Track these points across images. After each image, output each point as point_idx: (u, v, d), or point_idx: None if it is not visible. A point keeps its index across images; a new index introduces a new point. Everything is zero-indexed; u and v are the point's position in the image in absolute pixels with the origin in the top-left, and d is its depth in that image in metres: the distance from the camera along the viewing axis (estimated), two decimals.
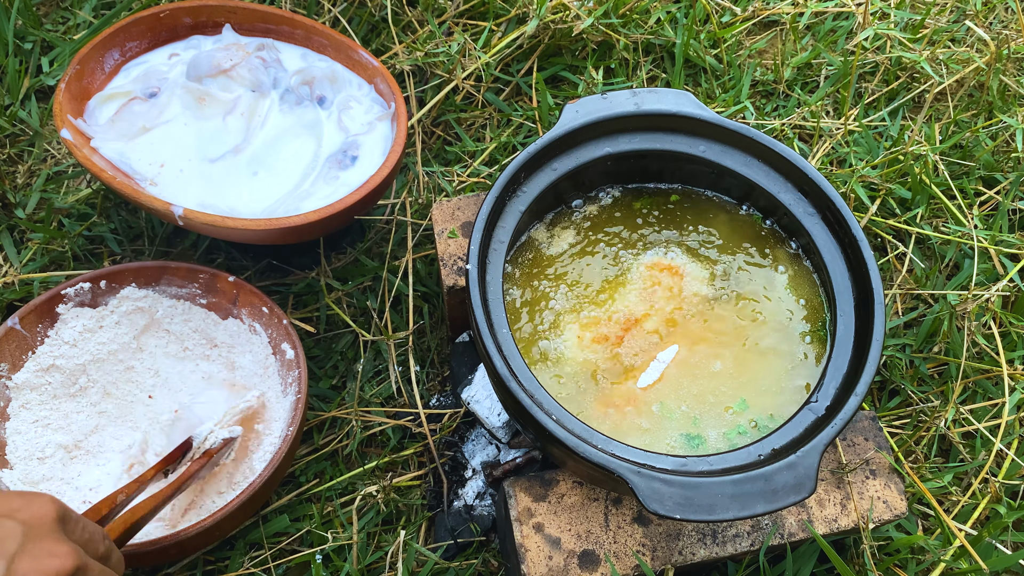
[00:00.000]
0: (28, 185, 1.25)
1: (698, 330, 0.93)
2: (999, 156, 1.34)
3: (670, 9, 1.47)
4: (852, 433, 0.97)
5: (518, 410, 0.81)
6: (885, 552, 0.98)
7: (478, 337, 0.83)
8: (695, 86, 1.42)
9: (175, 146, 1.10)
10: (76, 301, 1.04)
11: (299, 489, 1.04)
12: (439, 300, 1.18)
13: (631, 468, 0.76)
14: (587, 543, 0.88)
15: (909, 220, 1.25)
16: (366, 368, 1.13)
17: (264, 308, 1.06)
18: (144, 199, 1.01)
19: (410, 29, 1.40)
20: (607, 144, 0.98)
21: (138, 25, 1.16)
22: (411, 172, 1.28)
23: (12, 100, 1.31)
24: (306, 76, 1.16)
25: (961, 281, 1.19)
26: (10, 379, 1.00)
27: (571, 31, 1.36)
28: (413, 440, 1.09)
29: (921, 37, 1.45)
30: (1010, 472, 1.04)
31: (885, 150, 1.31)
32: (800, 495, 0.77)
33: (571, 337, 0.91)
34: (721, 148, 0.99)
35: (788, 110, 1.40)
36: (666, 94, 0.99)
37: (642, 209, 1.01)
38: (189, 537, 0.89)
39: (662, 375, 0.89)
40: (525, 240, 0.98)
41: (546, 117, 1.32)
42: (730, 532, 0.90)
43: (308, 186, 1.08)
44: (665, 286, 0.95)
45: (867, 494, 0.93)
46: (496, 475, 1.01)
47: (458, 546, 1.01)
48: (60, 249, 1.18)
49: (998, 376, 1.10)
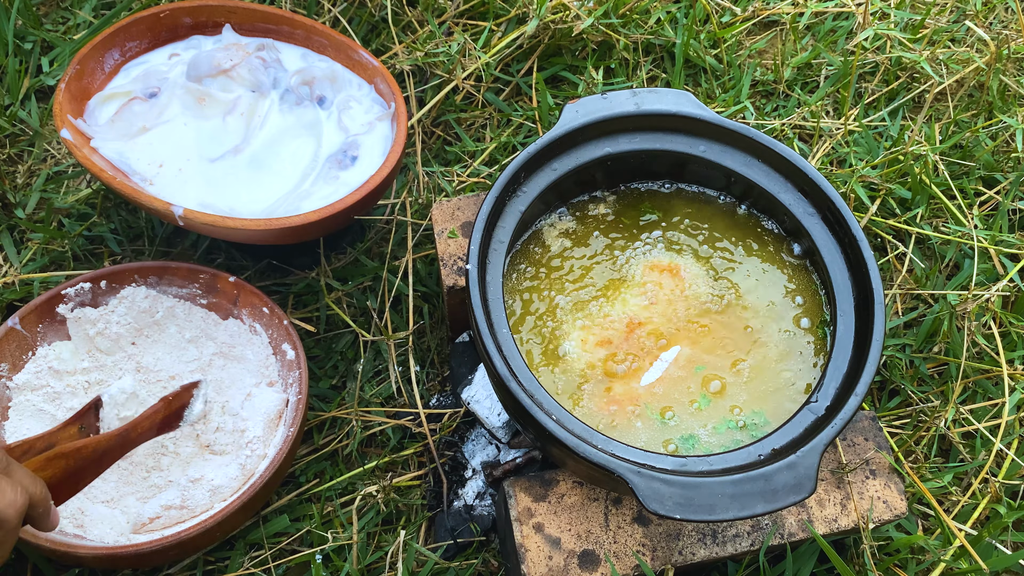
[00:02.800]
0: (28, 185, 1.25)
1: (699, 330, 0.93)
2: (999, 156, 1.34)
3: (670, 9, 1.47)
4: (852, 433, 0.97)
5: (518, 410, 0.81)
6: (885, 552, 0.98)
7: (478, 337, 0.83)
8: (695, 86, 1.42)
9: (175, 146, 1.10)
10: (76, 301, 1.04)
11: (299, 489, 1.04)
12: (439, 300, 1.18)
13: (631, 468, 0.76)
14: (587, 543, 0.88)
15: (909, 220, 1.25)
16: (366, 368, 1.13)
17: (264, 308, 1.06)
18: (144, 199, 1.01)
19: (410, 29, 1.40)
20: (607, 144, 0.98)
21: (138, 25, 1.16)
22: (411, 172, 1.28)
23: (12, 100, 1.31)
24: (306, 76, 1.16)
25: (961, 281, 1.19)
26: (10, 379, 1.00)
27: (571, 31, 1.36)
28: (413, 440, 1.09)
29: (921, 37, 1.45)
30: (1010, 472, 1.04)
31: (885, 150, 1.31)
32: (800, 495, 0.77)
33: (574, 339, 0.91)
34: (721, 148, 0.99)
35: (788, 110, 1.40)
36: (666, 94, 0.99)
37: (642, 209, 1.01)
38: (189, 537, 0.89)
39: (664, 375, 0.89)
40: (525, 240, 0.98)
41: (546, 117, 1.32)
42: (730, 532, 0.90)
43: (308, 186, 1.08)
44: (666, 287, 0.95)
45: (867, 494, 0.93)
46: (496, 475, 1.01)
47: (458, 546, 1.01)
48: (60, 249, 1.18)
49: (998, 376, 1.10)
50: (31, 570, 0.97)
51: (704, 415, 0.87)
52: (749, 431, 0.86)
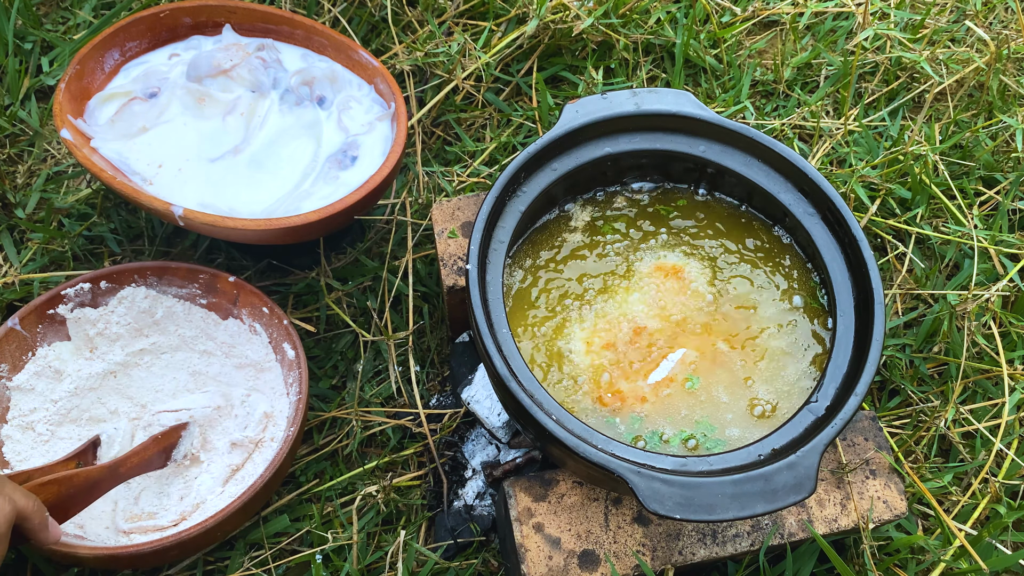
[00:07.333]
0: (28, 185, 1.25)
1: (700, 331, 0.93)
2: (999, 156, 1.34)
3: (670, 9, 1.47)
4: (852, 433, 0.97)
5: (518, 410, 0.81)
6: (885, 552, 0.98)
7: (478, 337, 0.83)
8: (695, 86, 1.42)
9: (175, 146, 1.10)
10: (76, 301, 1.04)
11: (299, 489, 1.04)
12: (439, 300, 1.18)
13: (631, 468, 0.76)
14: (587, 543, 0.88)
15: (909, 220, 1.25)
16: (366, 368, 1.13)
17: (264, 308, 1.06)
18: (144, 199, 1.01)
19: (410, 29, 1.40)
20: (607, 144, 0.98)
21: (138, 25, 1.16)
22: (411, 172, 1.28)
23: (12, 100, 1.31)
24: (306, 76, 1.16)
25: (961, 281, 1.19)
26: (10, 380, 1.00)
27: (571, 31, 1.36)
28: (413, 440, 1.09)
29: (921, 37, 1.45)
30: (1010, 472, 1.04)
31: (885, 150, 1.31)
32: (800, 495, 0.77)
33: (577, 339, 0.91)
34: (721, 148, 0.99)
35: (788, 110, 1.40)
36: (666, 94, 0.99)
37: (642, 210, 1.01)
38: (190, 537, 0.89)
39: (669, 374, 0.89)
40: (526, 240, 0.98)
41: (546, 117, 1.32)
42: (730, 532, 0.90)
43: (308, 186, 1.08)
44: (668, 288, 0.95)
45: (867, 494, 0.93)
46: (496, 475, 1.01)
47: (458, 546, 1.01)
48: (60, 249, 1.18)
49: (998, 376, 1.10)
50: (31, 570, 0.97)
51: (705, 415, 0.87)
52: (749, 430, 0.86)
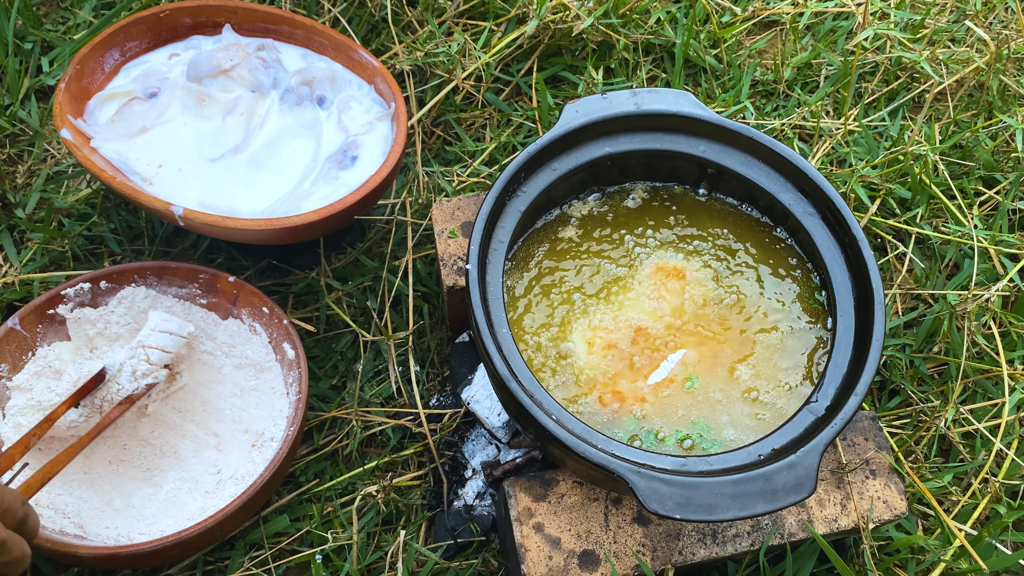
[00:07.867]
0: (28, 185, 1.25)
1: (700, 331, 0.93)
2: (999, 156, 1.34)
3: (670, 9, 1.47)
4: (852, 433, 0.97)
5: (518, 410, 0.81)
6: (885, 552, 0.98)
7: (478, 337, 0.83)
8: (695, 86, 1.42)
9: (175, 146, 1.10)
10: (76, 301, 1.04)
11: (299, 489, 1.04)
12: (439, 300, 1.18)
13: (631, 468, 0.76)
14: (587, 543, 0.88)
15: (909, 220, 1.25)
16: (366, 368, 1.13)
17: (264, 308, 1.06)
18: (144, 199, 1.01)
19: (410, 29, 1.40)
20: (607, 144, 0.98)
21: (138, 25, 1.16)
22: (411, 172, 1.28)
23: (12, 100, 1.31)
24: (306, 76, 1.16)
25: (961, 281, 1.19)
26: (10, 380, 1.00)
27: (571, 31, 1.36)
28: (413, 440, 1.09)
29: (921, 37, 1.45)
30: (1010, 472, 1.04)
31: (885, 150, 1.31)
32: (800, 495, 0.77)
33: (577, 339, 0.91)
34: (721, 148, 0.99)
35: (788, 110, 1.40)
36: (666, 94, 0.99)
37: (643, 210, 1.01)
38: (190, 537, 0.89)
39: (669, 375, 0.89)
40: (526, 240, 0.98)
41: (546, 117, 1.32)
42: (730, 532, 0.90)
43: (308, 186, 1.08)
44: (669, 288, 0.95)
45: (867, 494, 0.93)
46: (496, 475, 1.01)
47: (458, 546, 1.01)
48: (60, 249, 1.18)
49: (998, 376, 1.10)
50: (31, 570, 0.97)
51: (705, 415, 0.87)
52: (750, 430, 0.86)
